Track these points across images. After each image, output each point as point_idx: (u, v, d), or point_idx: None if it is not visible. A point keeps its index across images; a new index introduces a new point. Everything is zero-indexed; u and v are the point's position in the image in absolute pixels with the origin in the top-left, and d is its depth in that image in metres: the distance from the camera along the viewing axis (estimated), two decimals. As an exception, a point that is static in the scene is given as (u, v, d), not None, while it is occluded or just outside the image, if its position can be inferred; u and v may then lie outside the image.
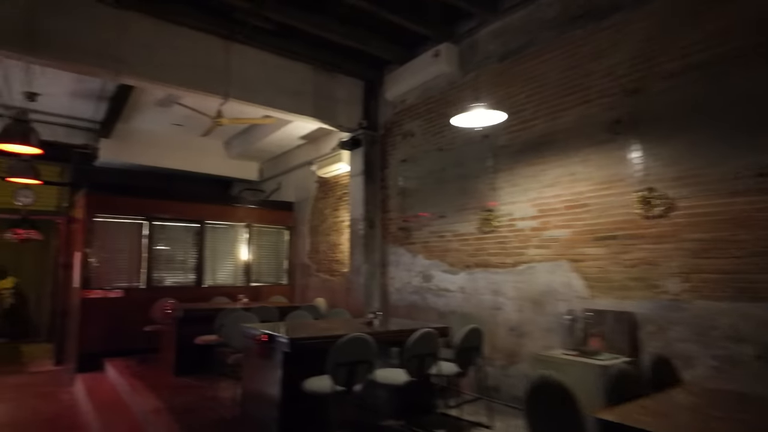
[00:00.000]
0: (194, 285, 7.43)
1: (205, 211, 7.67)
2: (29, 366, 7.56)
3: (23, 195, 7.91)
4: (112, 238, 6.83)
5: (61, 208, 9.20)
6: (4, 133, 4.78)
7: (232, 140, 9.22)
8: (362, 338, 3.06)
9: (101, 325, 6.49)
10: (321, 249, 7.74)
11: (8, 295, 9.66)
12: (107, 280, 6.67)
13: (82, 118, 7.94)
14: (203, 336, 5.23)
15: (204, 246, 7.59)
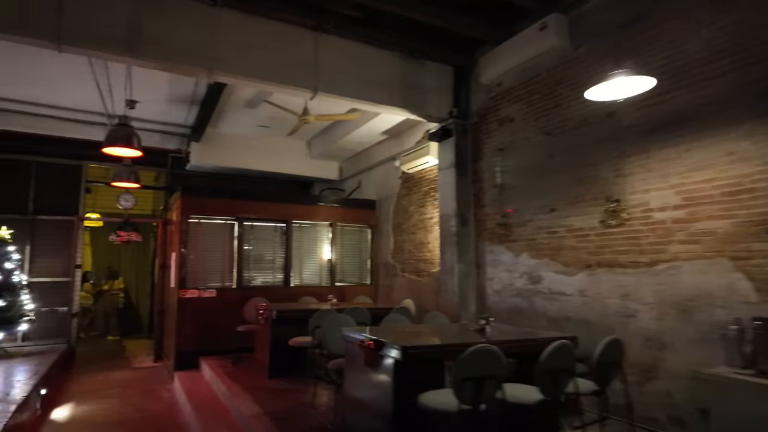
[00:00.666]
0: (282, 285, 7.40)
1: (290, 211, 7.64)
2: (132, 362, 7.96)
3: (125, 199, 8.38)
4: (205, 239, 6.96)
5: (157, 211, 9.72)
6: (110, 136, 4.93)
7: (314, 140, 9.18)
8: (490, 350, 2.63)
9: (196, 324, 6.62)
10: (406, 248, 7.39)
11: (121, 294, 10.40)
12: (201, 280, 6.80)
13: (175, 124, 8.25)
14: (297, 337, 5.06)
15: (290, 246, 7.54)
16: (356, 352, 3.39)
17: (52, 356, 6.79)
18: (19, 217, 7.73)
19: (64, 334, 7.73)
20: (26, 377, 5.48)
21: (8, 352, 6.89)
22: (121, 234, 8.15)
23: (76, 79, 6.38)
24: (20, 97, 7.03)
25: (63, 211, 8.03)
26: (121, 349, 9.21)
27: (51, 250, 7.93)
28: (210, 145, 8.54)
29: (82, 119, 7.77)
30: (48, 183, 8.05)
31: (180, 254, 6.66)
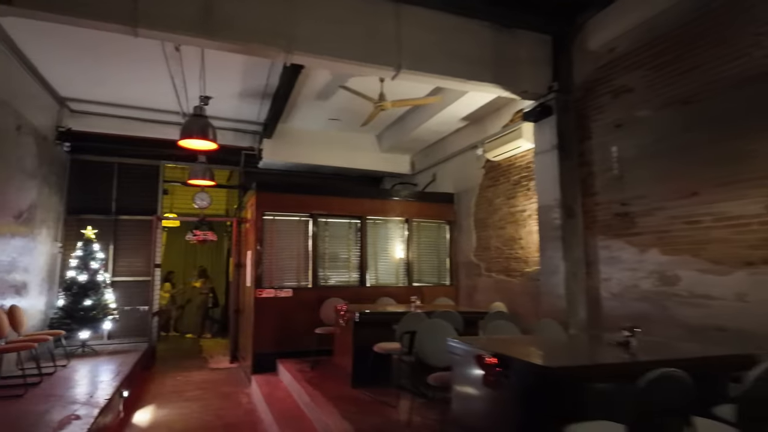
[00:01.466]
0: (357, 284, 6.97)
1: (365, 207, 7.19)
2: (209, 362, 7.89)
3: (200, 198, 8.36)
4: (280, 236, 6.68)
5: (230, 210, 9.71)
6: (185, 128, 4.70)
7: (384, 133, 8.71)
8: (677, 377, 1.93)
9: (273, 325, 6.34)
10: (492, 245, 6.68)
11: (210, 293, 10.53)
12: (277, 279, 6.52)
13: (248, 121, 8.11)
14: (382, 343, 4.56)
15: (365, 243, 7.09)
16: (469, 368, 2.79)
17: (135, 355, 6.81)
18: (104, 217, 7.91)
19: (145, 332, 7.81)
20: (110, 377, 5.42)
21: (95, 350, 7.00)
22: (197, 233, 8.13)
23: (153, 78, 6.34)
24: (102, 98, 7.14)
25: (142, 210, 8.14)
26: (198, 348, 9.26)
27: (132, 249, 8.05)
28: (281, 142, 8.33)
29: (159, 119, 7.82)
30: (129, 183, 8.20)
31: (256, 252, 6.41)
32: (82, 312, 6.70)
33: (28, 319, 6.08)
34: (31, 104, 6.12)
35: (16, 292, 5.83)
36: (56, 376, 5.41)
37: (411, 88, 6.23)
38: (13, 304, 5.64)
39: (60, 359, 6.08)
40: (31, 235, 6.29)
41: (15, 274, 5.78)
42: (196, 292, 10.44)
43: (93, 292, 6.81)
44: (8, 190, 5.52)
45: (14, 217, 5.71)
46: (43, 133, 6.63)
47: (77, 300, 6.70)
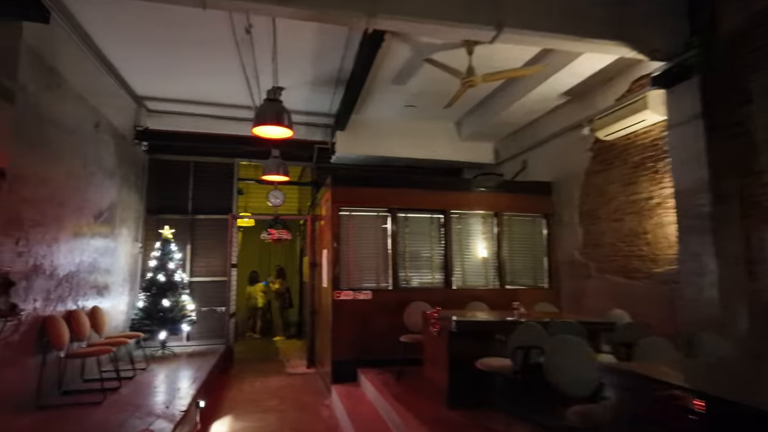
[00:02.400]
0: (442, 286, 6.25)
1: (448, 200, 6.45)
2: (286, 366, 7.55)
3: (274, 196, 8.07)
4: (357, 234, 6.13)
5: (302, 209, 9.39)
6: (259, 114, 4.26)
7: (465, 119, 7.92)
8: None
9: (352, 330, 5.80)
10: (605, 241, 5.66)
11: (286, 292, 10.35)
12: (356, 280, 5.98)
13: (320, 113, 7.69)
14: (487, 359, 3.81)
15: (449, 240, 6.35)
16: (645, 408, 1.98)
17: (212, 358, 6.58)
18: (181, 217, 7.85)
19: (222, 334, 7.63)
20: (187, 384, 5.14)
21: (174, 352, 6.88)
22: (272, 232, 7.85)
23: (225, 71, 6.05)
24: (177, 95, 7.02)
25: (218, 209, 8.00)
26: (275, 350, 9.02)
27: (208, 249, 7.93)
28: (355, 134, 7.82)
29: (232, 115, 7.61)
30: (204, 182, 8.09)
31: (332, 250, 5.91)
32: (161, 313, 6.59)
33: (110, 320, 6.02)
34: (109, 103, 6.06)
35: (98, 293, 5.77)
36: (135, 380, 5.23)
37: (502, 62, 5.42)
38: (95, 306, 5.56)
39: (139, 361, 5.96)
40: (112, 235, 6.24)
41: (96, 274, 5.71)
42: (275, 293, 10.27)
43: (171, 292, 6.68)
44: (87, 188, 5.44)
45: (94, 217, 5.64)
46: (122, 132, 6.59)
47: (156, 301, 6.61)
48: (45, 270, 4.43)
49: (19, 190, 3.99)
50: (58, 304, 4.72)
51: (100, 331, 5.46)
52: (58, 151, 4.69)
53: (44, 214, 4.43)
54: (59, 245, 4.73)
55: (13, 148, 3.84)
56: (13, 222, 3.89)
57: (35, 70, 4.19)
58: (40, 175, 4.36)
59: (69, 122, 4.90)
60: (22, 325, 4.04)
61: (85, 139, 5.34)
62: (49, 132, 4.49)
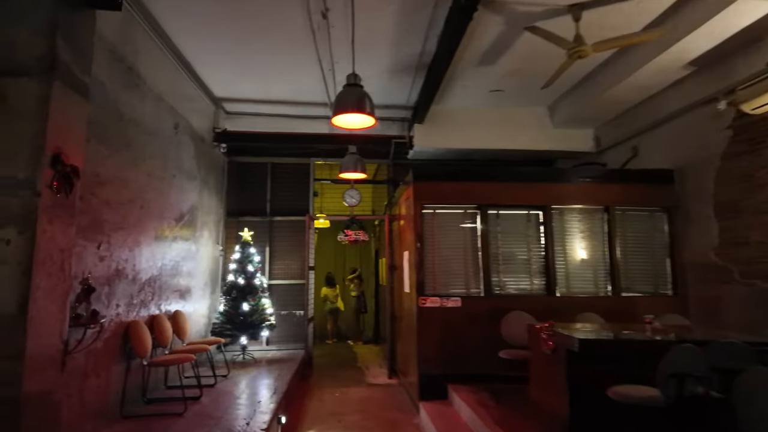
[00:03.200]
0: (543, 293, 5.46)
1: (547, 193, 5.65)
2: (366, 374, 7.13)
3: (350, 195, 7.71)
4: (443, 233, 5.54)
5: (377, 207, 8.96)
6: (339, 101, 3.82)
7: (560, 102, 7.03)
8: None
9: (440, 340, 5.22)
10: (752, 239, 4.59)
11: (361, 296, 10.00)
12: (442, 285, 5.39)
13: (397, 106, 7.21)
14: (621, 386, 3.05)
15: (550, 239, 5.55)
16: None
17: (292, 365, 6.31)
18: (259, 219, 7.74)
19: (301, 338, 7.38)
20: (268, 394, 4.85)
21: (254, 357, 6.72)
22: (349, 233, 7.49)
23: (301, 65, 5.76)
24: (253, 95, 6.88)
25: (295, 211, 7.80)
26: (352, 355, 8.67)
27: (286, 251, 7.75)
28: (434, 126, 7.25)
29: (307, 114, 7.38)
30: (281, 183, 7.94)
31: (416, 252, 5.36)
32: (242, 317, 6.44)
33: (192, 324, 5.94)
34: (188, 104, 6.00)
35: (180, 296, 5.69)
36: (216, 389, 5.04)
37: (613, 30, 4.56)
38: (177, 310, 5.48)
39: (220, 367, 5.82)
40: (193, 238, 6.18)
41: (179, 278, 5.64)
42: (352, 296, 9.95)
43: (251, 296, 6.52)
44: (169, 191, 5.37)
45: (176, 220, 5.57)
46: (201, 134, 6.54)
47: (236, 305, 6.47)
48: (127, 274, 4.32)
49: (101, 193, 3.88)
50: (141, 309, 4.62)
51: (183, 336, 5.36)
52: (139, 153, 4.60)
53: (126, 217, 4.32)
54: (141, 249, 4.63)
55: (93, 148, 3.72)
56: (94, 225, 3.77)
57: (114, 68, 4.09)
58: (122, 177, 4.25)
59: (149, 123, 4.81)
60: (105, 331, 3.92)
61: (165, 141, 5.26)
62: (129, 133, 4.39)
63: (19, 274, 2.47)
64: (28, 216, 2.52)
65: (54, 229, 2.67)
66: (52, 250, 2.65)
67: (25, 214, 2.52)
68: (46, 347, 2.61)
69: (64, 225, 2.76)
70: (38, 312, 2.53)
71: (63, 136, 2.73)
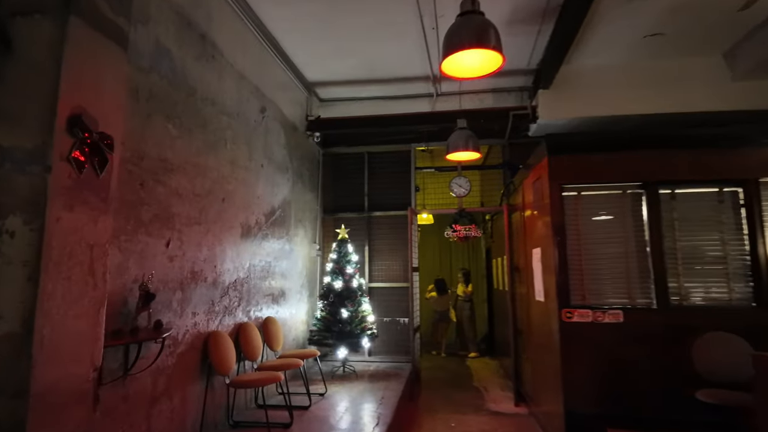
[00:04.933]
0: (749, 305, 3.80)
1: (750, 162, 3.96)
2: (485, 398, 5.91)
3: (457, 184, 6.57)
4: (593, 223, 4.15)
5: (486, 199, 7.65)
6: (451, 37, 2.74)
7: (742, 45, 5.16)
8: None
9: (593, 368, 3.86)
10: None
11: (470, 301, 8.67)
12: (595, 294, 4.01)
13: (514, 71, 5.92)
14: None
15: (759, 227, 3.86)
16: None
17: (397, 383, 5.36)
18: (356, 215, 6.96)
19: (406, 350, 6.42)
20: (371, 422, 3.93)
21: (355, 370, 5.89)
22: (458, 228, 6.35)
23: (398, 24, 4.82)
24: (347, 75, 6.09)
25: (395, 205, 6.89)
26: (465, 371, 7.49)
27: (386, 250, 6.88)
28: (565, 91, 5.80)
29: (406, 93, 6.44)
30: (379, 174, 7.09)
31: (554, 249, 4.05)
32: (340, 324, 5.66)
33: (287, 331, 5.30)
34: (276, 87, 5.38)
35: (273, 301, 5.06)
36: (311, 413, 4.25)
37: None
38: (269, 317, 4.83)
39: (317, 382, 5.07)
40: (287, 236, 5.55)
41: (270, 280, 5.00)
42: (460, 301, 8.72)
43: (349, 301, 5.71)
44: (257, 183, 4.74)
45: (265, 215, 4.94)
46: (292, 122, 5.91)
47: (334, 310, 5.71)
48: (206, 277, 3.70)
49: (169, 181, 3.26)
50: (225, 317, 3.99)
51: (275, 346, 4.69)
52: (217, 137, 3.98)
53: (204, 211, 3.71)
54: (224, 247, 4.00)
55: (157, 126, 3.10)
56: (161, 219, 3.16)
57: (183, 34, 3.47)
58: (196, 163, 3.64)
59: (229, 103, 4.19)
60: (179, 344, 3.30)
61: (250, 126, 4.64)
62: (204, 112, 3.78)
63: (23, 278, 1.79)
64: (35, 199, 1.84)
65: (77, 218, 1.97)
66: (73, 245, 1.95)
67: (33, 197, 1.84)
68: (67, 378, 1.92)
69: (93, 213, 2.07)
70: (52, 330, 1.84)
71: (86, 93, 2.04)
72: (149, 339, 2.71)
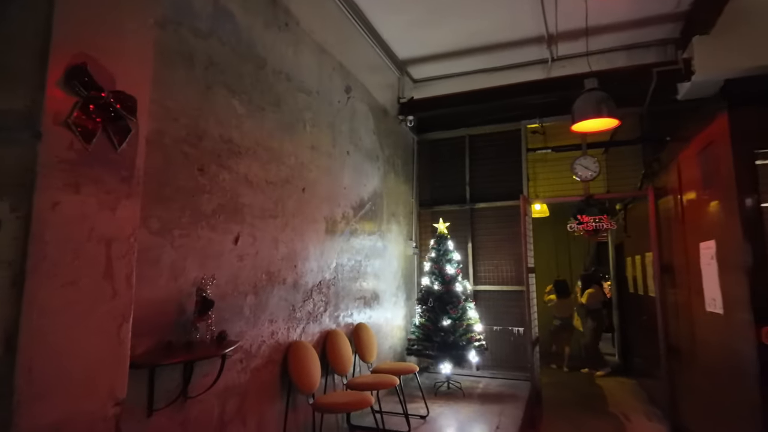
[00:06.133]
0: None
1: None
2: (628, 430, 4.70)
3: (582, 165, 5.40)
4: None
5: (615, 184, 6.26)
6: None
7: None
8: None
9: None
10: None
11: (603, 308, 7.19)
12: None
13: (653, 17, 4.64)
14: None
15: None
16: None
17: (515, 407, 4.45)
18: (457, 207, 6.13)
19: (522, 365, 5.44)
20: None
21: (462, 388, 5.07)
22: (584, 220, 5.19)
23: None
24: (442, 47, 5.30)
25: (502, 194, 5.93)
26: (596, 391, 6.22)
27: (494, 248, 5.95)
28: (732, 35, 4.36)
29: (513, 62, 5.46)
30: (483, 160, 6.18)
31: (744, 242, 2.84)
32: (442, 333, 4.89)
33: (382, 339, 4.68)
34: (364, 64, 4.79)
35: (365, 304, 4.47)
36: (409, 442, 3.55)
37: None
38: (360, 322, 4.25)
39: (417, 399, 4.35)
40: (379, 231, 4.94)
41: (361, 281, 4.42)
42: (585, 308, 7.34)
43: (451, 306, 4.91)
44: (341, 171, 4.18)
45: (353, 208, 4.37)
46: (382, 104, 5.29)
47: (434, 317, 4.95)
48: (284, 278, 3.19)
49: (236, 166, 2.79)
50: (309, 324, 3.46)
51: (368, 357, 4.08)
52: (294, 118, 3.47)
53: (280, 202, 3.20)
54: (306, 244, 3.48)
55: (219, 100, 2.63)
56: (227, 211, 2.69)
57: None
58: (270, 147, 3.15)
59: (307, 80, 3.67)
60: (255, 358, 2.81)
61: (333, 107, 4.09)
62: (278, 88, 3.28)
63: (8, 283, 1.32)
64: (22, 176, 1.37)
65: (83, 203, 1.49)
66: (79, 240, 1.47)
67: (20, 173, 1.37)
68: (74, 419, 1.43)
69: (110, 197, 1.57)
70: (46, 353, 1.36)
71: (95, 38, 1.54)
72: (207, 356, 2.22)
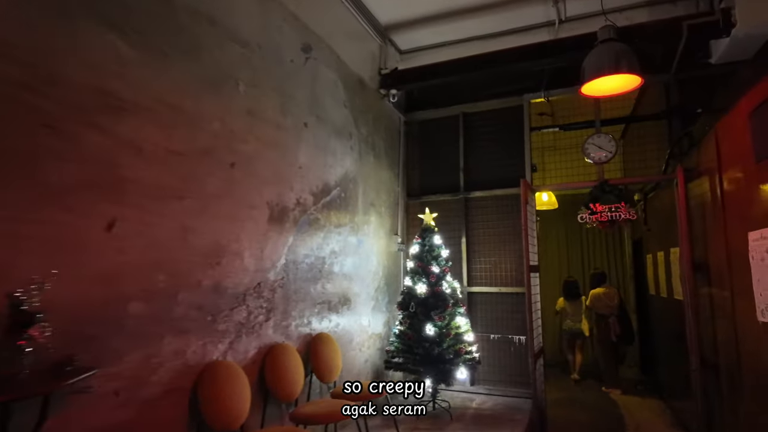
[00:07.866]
0: None
1: None
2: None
3: (596, 144, 4.55)
4: None
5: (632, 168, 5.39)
6: None
7: None
8: None
9: None
10: None
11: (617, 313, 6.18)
12: None
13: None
14: None
15: None
16: None
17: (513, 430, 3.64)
18: (450, 197, 5.32)
19: (523, 380, 4.62)
20: None
21: (450, 409, 4.25)
22: (598, 209, 4.33)
23: None
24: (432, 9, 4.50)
25: (502, 180, 5.11)
26: (613, 412, 5.34)
27: (491, 243, 5.13)
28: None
29: (516, 26, 4.64)
30: (479, 141, 5.35)
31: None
32: (426, 344, 4.08)
33: (355, 354, 3.90)
34: (332, 22, 4.00)
35: (330, 309, 3.69)
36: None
37: None
38: (320, 333, 3.47)
39: (387, 428, 3.56)
40: (352, 223, 4.16)
41: (325, 282, 3.64)
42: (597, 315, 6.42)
43: (437, 312, 4.10)
44: (296, 146, 3.41)
45: (313, 194, 3.59)
46: (358, 74, 4.51)
47: (417, 325, 4.15)
48: (198, 280, 2.43)
49: (115, 126, 2.03)
50: (242, 337, 2.69)
51: (329, 376, 3.31)
52: (222, 73, 2.71)
53: (191, 178, 2.44)
54: (236, 235, 2.72)
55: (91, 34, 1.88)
56: (96, 187, 1.93)
57: None
58: (177, 104, 2.38)
59: (244, 28, 2.90)
60: (144, 386, 2.05)
61: (283, 67, 3.32)
62: (194, 31, 2.51)
63: None
64: None
65: None
66: None
67: None
68: None
69: None
70: None
71: None
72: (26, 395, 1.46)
